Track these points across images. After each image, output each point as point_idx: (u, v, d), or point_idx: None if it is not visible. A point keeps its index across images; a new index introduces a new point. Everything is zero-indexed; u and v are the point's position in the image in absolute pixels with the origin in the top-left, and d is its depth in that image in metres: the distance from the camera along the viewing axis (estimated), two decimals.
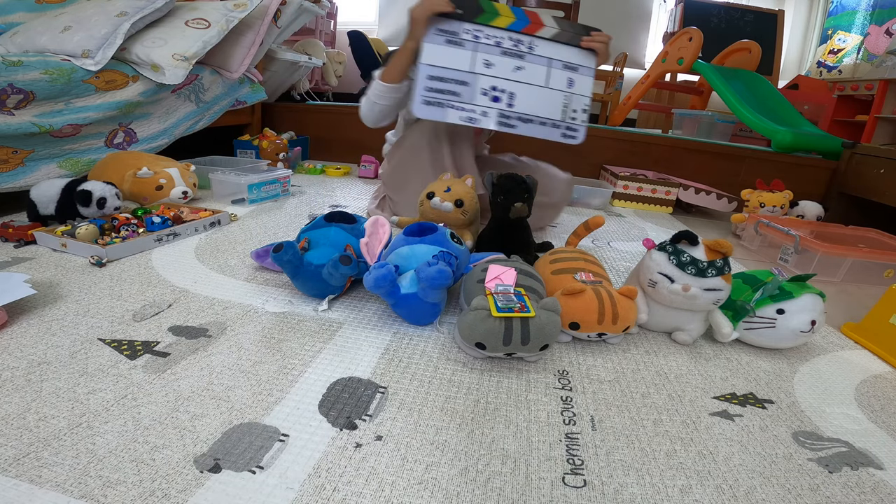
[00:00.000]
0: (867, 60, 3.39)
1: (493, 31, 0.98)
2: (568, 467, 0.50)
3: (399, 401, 0.58)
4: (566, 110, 0.92)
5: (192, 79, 1.52)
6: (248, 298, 0.80)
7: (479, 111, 0.91)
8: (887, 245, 1.28)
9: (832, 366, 0.76)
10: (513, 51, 0.96)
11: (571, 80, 0.95)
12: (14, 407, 0.51)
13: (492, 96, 0.93)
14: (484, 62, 0.94)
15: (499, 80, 0.94)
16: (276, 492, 0.43)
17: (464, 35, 0.96)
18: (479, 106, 0.92)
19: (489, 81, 0.94)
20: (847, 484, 0.51)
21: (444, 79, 0.94)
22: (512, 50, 0.96)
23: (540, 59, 0.96)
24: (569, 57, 0.98)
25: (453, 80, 0.94)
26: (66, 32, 1.31)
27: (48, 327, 0.67)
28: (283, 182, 1.49)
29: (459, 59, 0.95)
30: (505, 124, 0.91)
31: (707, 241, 0.72)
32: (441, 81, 0.94)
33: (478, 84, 0.94)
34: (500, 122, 0.91)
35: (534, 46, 0.98)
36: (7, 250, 0.93)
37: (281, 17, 1.80)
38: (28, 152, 1.15)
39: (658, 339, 0.79)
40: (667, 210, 1.80)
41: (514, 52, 0.96)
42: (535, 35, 0.99)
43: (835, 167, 1.84)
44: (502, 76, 0.95)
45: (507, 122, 0.91)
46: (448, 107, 0.92)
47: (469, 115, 0.91)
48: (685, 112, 2.77)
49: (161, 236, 1.01)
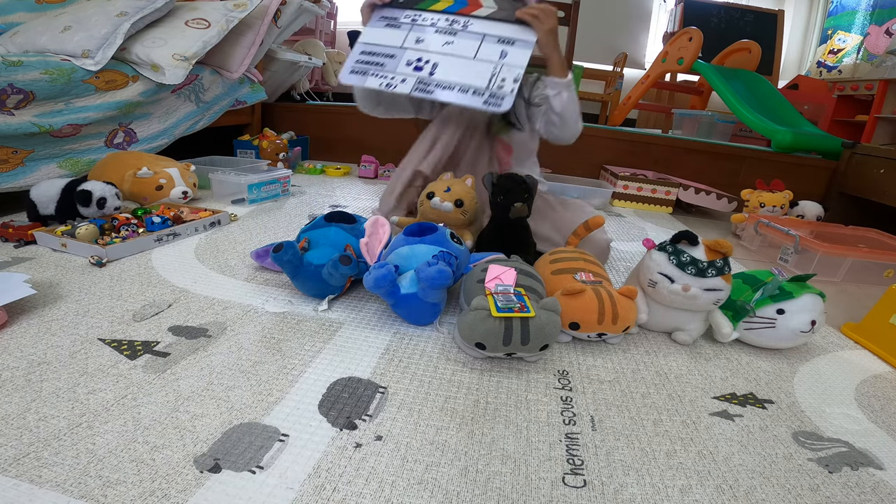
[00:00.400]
0: (867, 60, 3.39)
1: (431, 14, 1.03)
2: (568, 467, 0.50)
3: (399, 401, 0.58)
4: (493, 79, 0.92)
5: (192, 79, 1.52)
6: (248, 298, 0.80)
7: (399, 78, 0.94)
8: (887, 245, 1.28)
9: (832, 366, 0.76)
10: (446, 29, 1.01)
11: (504, 52, 0.96)
12: (14, 407, 0.51)
13: (414, 66, 0.96)
14: (416, 39, 1.00)
15: (426, 52, 0.98)
16: (276, 492, 0.43)
17: (403, 19, 1.04)
18: (400, 74, 0.95)
19: (416, 55, 0.98)
20: (847, 484, 0.51)
21: (374, 53, 1.00)
22: (445, 28, 1.01)
23: (472, 35, 0.99)
24: (505, 32, 0.99)
25: (382, 54, 1.00)
26: (66, 32, 1.31)
27: (48, 327, 0.67)
28: (283, 182, 1.49)
29: (393, 38, 1.02)
30: (422, 90, 0.92)
31: (707, 241, 0.72)
32: (371, 55, 1.00)
33: (404, 57, 0.98)
34: (418, 88, 0.92)
35: (468, 24, 1.01)
36: (7, 250, 0.93)
37: (281, 17, 1.80)
38: (28, 152, 1.15)
39: (658, 339, 0.79)
40: (667, 210, 1.80)
41: (447, 30, 1.01)
42: (471, 15, 1.03)
43: (835, 167, 1.84)
44: (430, 50, 0.98)
45: (424, 88, 0.92)
46: (370, 75, 0.96)
47: (387, 82, 0.94)
48: (685, 112, 2.77)
49: (161, 236, 1.01)
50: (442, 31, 1.01)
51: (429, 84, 0.93)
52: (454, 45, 0.99)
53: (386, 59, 0.99)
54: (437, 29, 1.01)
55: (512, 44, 0.97)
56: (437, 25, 1.02)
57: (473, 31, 1.00)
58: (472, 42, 0.98)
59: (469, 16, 1.02)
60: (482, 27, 1.01)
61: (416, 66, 0.96)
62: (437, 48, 0.99)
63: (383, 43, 1.02)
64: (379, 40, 1.03)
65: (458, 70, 0.95)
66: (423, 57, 0.98)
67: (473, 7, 1.04)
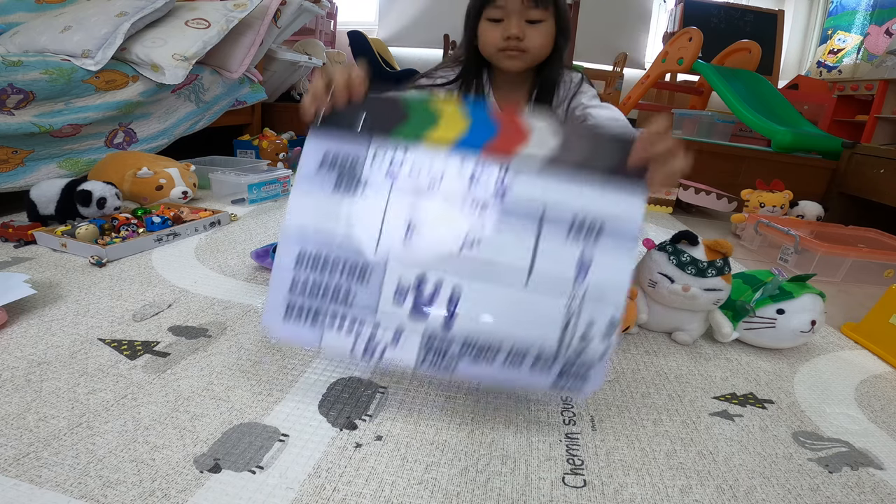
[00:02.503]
0: (867, 60, 3.39)
1: (427, 153, 0.51)
2: (568, 467, 0.50)
3: (399, 401, 0.58)
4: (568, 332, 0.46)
5: (192, 79, 1.52)
6: (248, 298, 0.80)
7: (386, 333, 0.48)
8: (887, 245, 1.28)
9: (832, 366, 0.76)
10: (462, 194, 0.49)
11: (585, 260, 0.47)
12: (14, 407, 0.51)
13: (414, 300, 0.48)
14: (405, 227, 0.49)
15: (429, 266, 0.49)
16: (276, 492, 0.43)
17: (371, 168, 0.50)
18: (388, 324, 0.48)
19: (410, 271, 0.48)
20: (847, 484, 0.51)
21: (325, 260, 0.49)
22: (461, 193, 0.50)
23: (518, 218, 0.48)
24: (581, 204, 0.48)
25: (342, 261, 0.49)
26: (66, 32, 1.31)
27: (48, 327, 0.67)
28: (283, 182, 1.49)
29: (355, 220, 0.50)
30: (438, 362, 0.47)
31: (707, 241, 0.72)
32: (317, 269, 0.49)
33: (389, 274, 0.48)
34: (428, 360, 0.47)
35: (507, 185, 0.49)
36: (7, 250, 0.93)
37: (281, 17, 1.80)
38: (28, 152, 1.15)
39: (658, 339, 0.79)
40: (667, 210, 1.80)
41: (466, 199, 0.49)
42: (511, 156, 0.50)
43: (835, 167, 1.84)
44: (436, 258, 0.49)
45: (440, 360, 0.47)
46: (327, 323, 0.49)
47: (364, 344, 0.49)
48: (685, 112, 2.76)
49: (161, 236, 1.01)
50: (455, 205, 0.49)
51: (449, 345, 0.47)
52: (482, 244, 0.48)
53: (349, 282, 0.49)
54: (447, 196, 0.49)
55: (596, 237, 0.47)
56: (446, 188, 0.49)
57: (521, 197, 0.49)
58: (517, 237, 0.48)
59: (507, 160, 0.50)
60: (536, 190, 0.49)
61: (415, 301, 0.48)
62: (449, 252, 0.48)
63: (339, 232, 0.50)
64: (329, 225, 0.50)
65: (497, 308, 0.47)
66: (426, 278, 0.48)
67: (513, 141, 0.50)
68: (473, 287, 0.48)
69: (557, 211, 0.48)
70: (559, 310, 0.47)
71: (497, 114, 0.52)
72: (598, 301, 0.47)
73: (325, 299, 0.49)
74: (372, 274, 0.49)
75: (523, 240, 0.48)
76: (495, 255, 0.48)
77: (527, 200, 0.49)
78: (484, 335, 0.47)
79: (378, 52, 2.62)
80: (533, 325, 0.47)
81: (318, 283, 0.50)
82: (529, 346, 0.47)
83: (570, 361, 0.47)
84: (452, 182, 0.50)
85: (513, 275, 0.48)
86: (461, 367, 0.48)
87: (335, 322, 0.49)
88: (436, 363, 0.48)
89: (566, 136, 0.50)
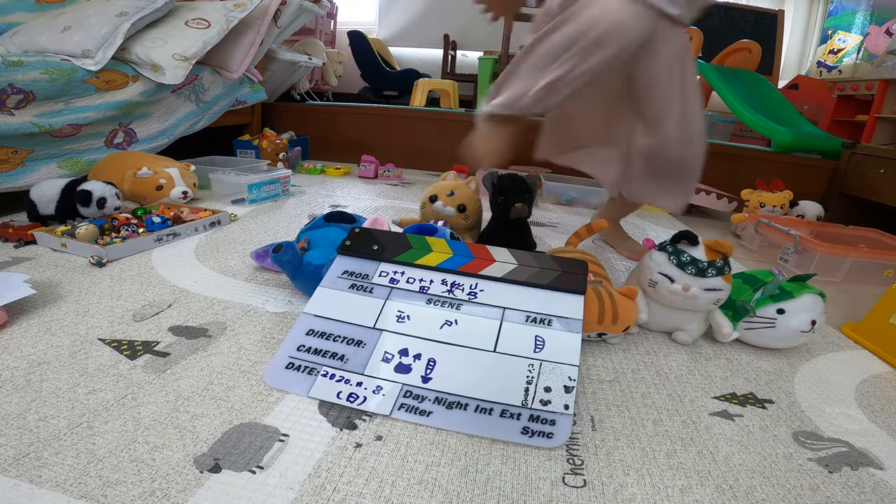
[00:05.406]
0: (867, 60, 3.39)
1: (420, 270, 0.71)
2: (568, 467, 0.50)
3: None
4: (530, 389, 0.56)
5: (192, 79, 1.52)
6: (248, 298, 0.80)
7: (369, 387, 0.57)
8: (887, 245, 1.28)
9: (832, 366, 0.76)
10: (444, 297, 0.67)
11: (540, 339, 0.61)
12: (14, 407, 0.51)
13: (397, 363, 0.60)
14: (396, 314, 0.65)
15: (415, 339, 0.62)
16: (276, 492, 0.43)
17: (377, 278, 0.70)
18: (373, 378, 0.58)
19: (397, 342, 0.62)
20: (847, 484, 0.51)
21: (329, 335, 0.63)
22: (443, 296, 0.67)
23: (486, 309, 0.65)
24: (533, 304, 0.66)
25: (343, 337, 0.63)
26: (65, 32, 1.31)
27: (48, 327, 0.67)
28: (283, 182, 1.49)
29: (361, 309, 0.66)
30: (413, 409, 0.55)
31: (707, 241, 0.72)
32: (322, 338, 0.63)
33: (380, 345, 0.62)
34: (405, 406, 0.55)
35: (478, 290, 0.68)
36: (7, 250, 0.93)
37: (281, 17, 1.80)
38: (28, 152, 1.15)
39: (658, 339, 0.79)
40: (666, 210, 1.79)
41: (446, 299, 0.67)
42: (479, 273, 0.69)
43: (835, 167, 1.84)
44: (421, 335, 0.63)
45: (415, 407, 0.55)
46: (320, 375, 0.59)
47: (350, 391, 0.57)
48: None
49: (161, 236, 1.01)
50: (438, 302, 0.66)
51: (422, 401, 0.56)
52: (457, 326, 0.64)
53: (348, 349, 0.61)
54: (431, 298, 0.67)
55: (548, 325, 0.63)
56: (430, 292, 0.68)
57: (486, 302, 0.66)
58: (486, 321, 0.64)
59: (477, 276, 0.69)
60: (499, 296, 0.67)
61: (400, 363, 0.60)
62: (431, 331, 0.63)
63: (343, 318, 0.65)
64: (336, 312, 0.66)
65: (468, 372, 0.59)
66: (410, 348, 0.61)
67: (482, 263, 0.70)
68: (448, 354, 0.61)
69: (515, 309, 0.65)
70: (522, 370, 0.59)
71: (472, 247, 0.72)
72: (555, 363, 0.59)
73: (323, 359, 0.61)
74: (366, 343, 0.62)
75: (489, 324, 0.64)
76: (467, 333, 0.63)
77: (491, 302, 0.66)
78: (457, 389, 0.57)
79: (378, 52, 2.62)
80: (500, 380, 0.58)
81: (320, 348, 0.62)
82: (498, 400, 0.56)
83: (534, 414, 0.55)
84: (437, 287, 0.68)
85: (482, 343, 0.62)
86: (435, 414, 0.55)
87: (327, 375, 0.59)
88: (412, 409, 0.56)
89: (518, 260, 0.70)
